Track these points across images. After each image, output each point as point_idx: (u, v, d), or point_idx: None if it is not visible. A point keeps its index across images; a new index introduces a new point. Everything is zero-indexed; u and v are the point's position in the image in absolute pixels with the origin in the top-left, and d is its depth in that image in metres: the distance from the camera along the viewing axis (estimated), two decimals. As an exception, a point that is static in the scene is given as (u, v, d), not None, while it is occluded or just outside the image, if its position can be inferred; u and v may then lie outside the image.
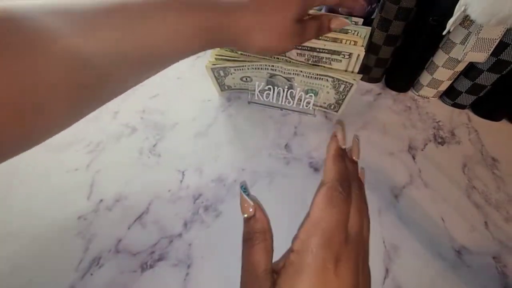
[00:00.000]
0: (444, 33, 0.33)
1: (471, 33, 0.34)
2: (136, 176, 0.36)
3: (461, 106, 0.44)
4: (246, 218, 0.19)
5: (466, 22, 0.34)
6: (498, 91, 0.40)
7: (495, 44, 0.34)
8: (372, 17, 0.41)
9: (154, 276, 0.29)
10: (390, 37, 0.39)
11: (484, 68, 0.38)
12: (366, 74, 0.46)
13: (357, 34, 0.34)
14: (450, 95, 0.44)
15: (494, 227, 0.33)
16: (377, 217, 0.33)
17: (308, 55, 0.36)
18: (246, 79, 0.41)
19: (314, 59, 0.36)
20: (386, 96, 0.46)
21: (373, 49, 0.42)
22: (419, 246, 0.31)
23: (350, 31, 0.34)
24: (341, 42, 0.34)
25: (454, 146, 0.40)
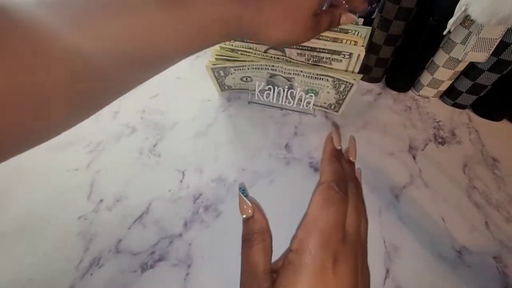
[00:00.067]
0: (444, 33, 0.33)
1: (472, 33, 0.34)
2: (136, 176, 0.36)
3: (461, 106, 0.44)
4: (245, 219, 0.19)
5: (466, 22, 0.34)
6: (498, 91, 0.40)
7: (496, 44, 0.33)
8: (372, 17, 0.41)
9: (154, 276, 0.29)
10: (390, 37, 0.39)
11: (484, 68, 0.37)
12: (366, 74, 0.46)
13: (357, 34, 0.34)
14: (450, 95, 0.44)
15: (495, 227, 0.33)
16: (377, 217, 0.33)
17: (308, 55, 0.36)
18: (246, 79, 0.41)
19: (315, 59, 0.36)
20: (387, 96, 0.46)
21: (373, 49, 0.42)
22: (420, 246, 0.31)
23: (350, 31, 0.34)
24: (341, 42, 0.34)
25: (455, 146, 0.40)
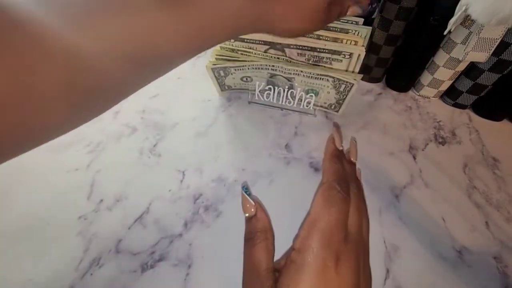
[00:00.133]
0: (445, 33, 0.33)
1: (472, 32, 0.34)
2: (136, 176, 0.36)
3: (462, 106, 0.44)
4: (248, 218, 0.19)
5: (467, 21, 0.34)
6: (499, 91, 0.40)
7: (496, 44, 0.33)
8: (372, 17, 0.41)
9: (155, 276, 0.29)
10: (390, 37, 0.39)
11: (485, 68, 0.37)
12: (366, 74, 0.46)
13: (357, 34, 0.34)
14: (451, 95, 0.44)
15: (495, 227, 0.33)
16: (377, 217, 0.33)
17: (308, 55, 0.36)
18: (247, 79, 0.41)
19: (315, 59, 0.36)
20: (387, 96, 0.46)
21: (373, 49, 0.42)
22: (420, 246, 0.31)
23: (350, 31, 0.34)
24: (341, 42, 0.34)
25: (455, 146, 0.40)
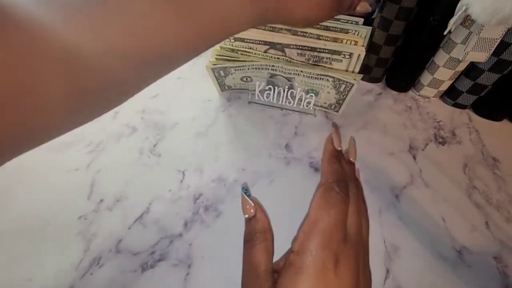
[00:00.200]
0: (445, 33, 0.33)
1: (472, 32, 0.34)
2: (136, 176, 0.36)
3: (462, 106, 0.44)
4: (247, 219, 0.19)
5: (467, 21, 0.34)
6: (499, 91, 0.40)
7: (496, 44, 0.33)
8: (372, 17, 0.41)
9: (155, 276, 0.29)
10: (390, 37, 0.39)
11: (485, 68, 0.37)
12: (366, 74, 0.46)
13: (357, 34, 0.34)
14: (451, 95, 0.44)
15: (495, 227, 0.33)
16: (377, 217, 0.33)
17: (308, 55, 0.36)
18: (247, 79, 0.41)
19: (315, 59, 0.36)
20: (387, 96, 0.46)
21: (373, 49, 0.42)
22: (420, 246, 0.31)
23: (350, 31, 0.34)
24: (341, 42, 0.34)
25: (455, 146, 0.40)
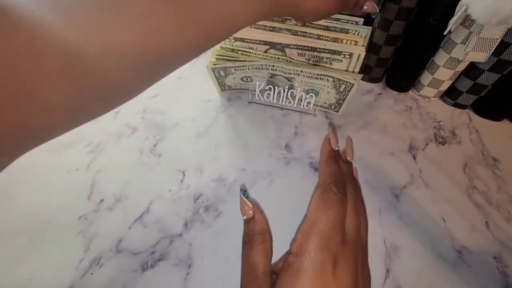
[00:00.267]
0: (445, 33, 0.33)
1: (472, 32, 0.34)
2: (136, 176, 0.36)
3: (462, 106, 0.44)
4: (246, 220, 0.19)
5: (467, 21, 0.34)
6: (499, 91, 0.40)
7: (496, 44, 0.33)
8: (372, 17, 0.41)
9: (155, 275, 0.29)
10: (391, 37, 0.39)
11: (485, 68, 0.37)
12: (366, 74, 0.46)
13: (357, 34, 0.34)
14: (451, 95, 0.44)
15: (495, 227, 0.33)
16: (377, 217, 0.33)
17: (308, 55, 0.36)
18: (247, 79, 0.41)
19: (315, 59, 0.36)
20: (387, 96, 0.46)
21: (374, 49, 0.42)
22: (420, 246, 0.31)
23: (350, 31, 0.34)
24: (341, 42, 0.34)
25: (455, 146, 0.40)
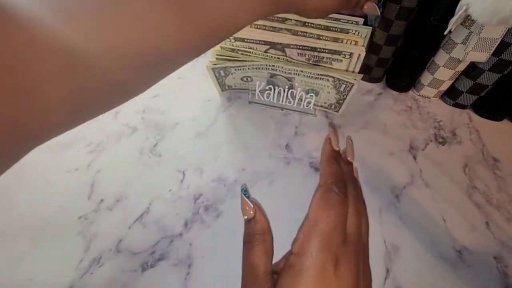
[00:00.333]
0: (445, 33, 0.33)
1: (473, 32, 0.34)
2: (136, 176, 0.36)
3: (462, 106, 0.44)
4: (247, 220, 0.19)
5: (467, 21, 0.34)
6: (499, 91, 0.40)
7: (497, 43, 0.33)
8: (370, 23, 0.41)
9: (155, 275, 0.29)
10: (391, 37, 0.39)
11: (485, 68, 0.37)
12: (367, 74, 0.46)
13: (358, 34, 0.34)
14: (451, 95, 0.44)
15: (495, 227, 0.33)
16: (377, 217, 0.33)
17: (308, 55, 0.36)
18: (247, 79, 0.41)
19: (315, 59, 0.36)
20: (387, 96, 0.46)
21: (374, 49, 0.42)
22: (420, 246, 0.31)
23: (351, 31, 0.34)
24: (342, 42, 0.34)
25: (455, 146, 0.40)
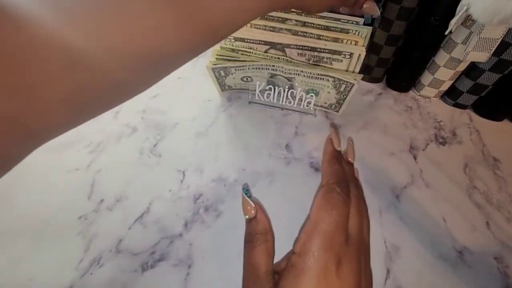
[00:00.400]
0: (446, 33, 0.33)
1: (473, 32, 0.34)
2: (136, 176, 0.36)
3: (462, 106, 0.44)
4: (248, 220, 0.19)
5: (468, 21, 0.34)
6: (499, 91, 0.40)
7: (497, 43, 0.33)
8: (367, 21, 0.41)
9: (155, 276, 0.29)
10: (391, 37, 0.39)
11: (485, 68, 0.37)
12: (367, 74, 0.46)
13: (358, 34, 0.34)
14: (451, 95, 0.44)
15: (496, 227, 0.33)
16: (378, 217, 0.33)
17: (309, 55, 0.36)
18: (247, 79, 0.41)
19: (315, 59, 0.36)
20: (387, 96, 0.46)
21: (374, 49, 0.42)
22: (420, 247, 0.31)
23: (351, 31, 0.34)
24: (342, 42, 0.34)
25: (456, 146, 0.40)
